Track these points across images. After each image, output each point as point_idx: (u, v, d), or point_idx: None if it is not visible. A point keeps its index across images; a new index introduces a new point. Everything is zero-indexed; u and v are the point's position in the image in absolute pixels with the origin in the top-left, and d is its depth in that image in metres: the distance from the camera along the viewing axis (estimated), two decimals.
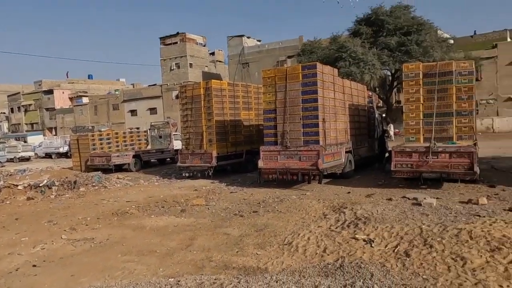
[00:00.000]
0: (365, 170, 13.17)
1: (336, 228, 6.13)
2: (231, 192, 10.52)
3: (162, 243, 6.11)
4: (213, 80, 14.01)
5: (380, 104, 34.06)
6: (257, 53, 44.90)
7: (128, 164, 17.92)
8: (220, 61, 58.33)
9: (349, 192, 9.42)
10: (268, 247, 5.50)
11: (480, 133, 28.88)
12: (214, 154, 13.13)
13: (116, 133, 21.04)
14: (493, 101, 35.16)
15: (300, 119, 10.26)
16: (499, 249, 4.49)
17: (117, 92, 54.86)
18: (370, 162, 14.10)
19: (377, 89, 32.49)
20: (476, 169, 8.64)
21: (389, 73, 31.44)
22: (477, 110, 28.00)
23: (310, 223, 6.57)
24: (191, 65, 46.30)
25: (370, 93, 15.96)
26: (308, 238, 5.68)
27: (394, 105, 34.72)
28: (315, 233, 5.91)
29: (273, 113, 10.70)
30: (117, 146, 20.02)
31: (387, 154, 13.20)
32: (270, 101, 10.76)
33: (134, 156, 18.28)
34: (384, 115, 21.82)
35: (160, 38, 47.84)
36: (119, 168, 17.74)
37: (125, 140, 20.66)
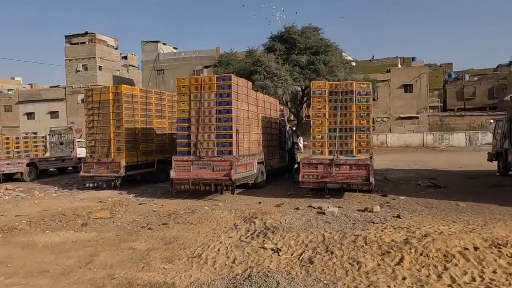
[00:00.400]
0: (276, 180, 13.67)
1: (246, 238, 6.21)
2: (140, 204, 10.01)
3: (56, 261, 5.51)
4: (123, 85, 13.30)
5: (292, 117, 35.94)
6: (173, 61, 44.07)
7: (21, 173, 15.94)
8: (133, 66, 55.86)
9: (260, 202, 9.66)
10: (176, 260, 5.33)
11: (376, 147, 32.20)
12: (123, 163, 12.40)
13: (7, 138, 18.60)
14: (386, 119, 39.63)
15: (214, 129, 10.28)
16: (388, 253, 4.99)
17: (10, 92, 48.81)
18: (280, 173, 14.69)
19: (289, 103, 34.21)
20: (372, 180, 9.56)
21: (300, 89, 33.40)
22: (374, 126, 31.20)
23: (221, 234, 6.55)
24: (100, 67, 43.48)
25: (282, 107, 16.72)
26: (218, 250, 5.65)
27: (304, 119, 36.89)
28: (226, 244, 5.90)
29: (187, 123, 10.53)
30: (8, 152, 17.72)
31: (296, 165, 13.94)
32: (184, 110, 10.59)
33: (28, 164, 16.31)
34: (294, 128, 23.01)
35: (66, 36, 44.16)
36: (10, 178, 15.68)
37: (18, 146, 18.39)
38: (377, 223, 6.78)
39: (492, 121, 17.85)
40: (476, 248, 4.96)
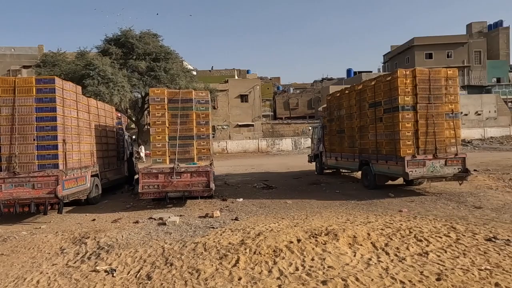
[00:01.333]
0: (114, 193, 12.70)
1: (75, 262, 5.48)
2: None
3: None
4: None
5: (133, 125, 34.22)
6: None
7: None
8: None
9: (94, 220, 8.74)
10: None
11: (217, 154, 33.65)
12: None
13: None
14: (226, 126, 41.94)
15: (34, 140, 8.78)
16: (226, 256, 5.18)
17: None
18: (119, 185, 13.71)
19: (128, 110, 32.50)
20: (212, 185, 9.85)
21: (140, 96, 32.11)
22: (213, 134, 32.57)
23: (43, 262, 5.60)
24: None
25: (119, 115, 15.68)
26: (38, 282, 4.79)
27: (145, 127, 35.65)
28: (48, 273, 5.07)
29: None
30: None
31: (136, 176, 13.23)
32: None
33: None
34: (134, 136, 21.94)
35: None
36: None
37: None
38: (216, 228, 6.99)
39: (310, 128, 20.98)
40: (299, 240, 5.63)
